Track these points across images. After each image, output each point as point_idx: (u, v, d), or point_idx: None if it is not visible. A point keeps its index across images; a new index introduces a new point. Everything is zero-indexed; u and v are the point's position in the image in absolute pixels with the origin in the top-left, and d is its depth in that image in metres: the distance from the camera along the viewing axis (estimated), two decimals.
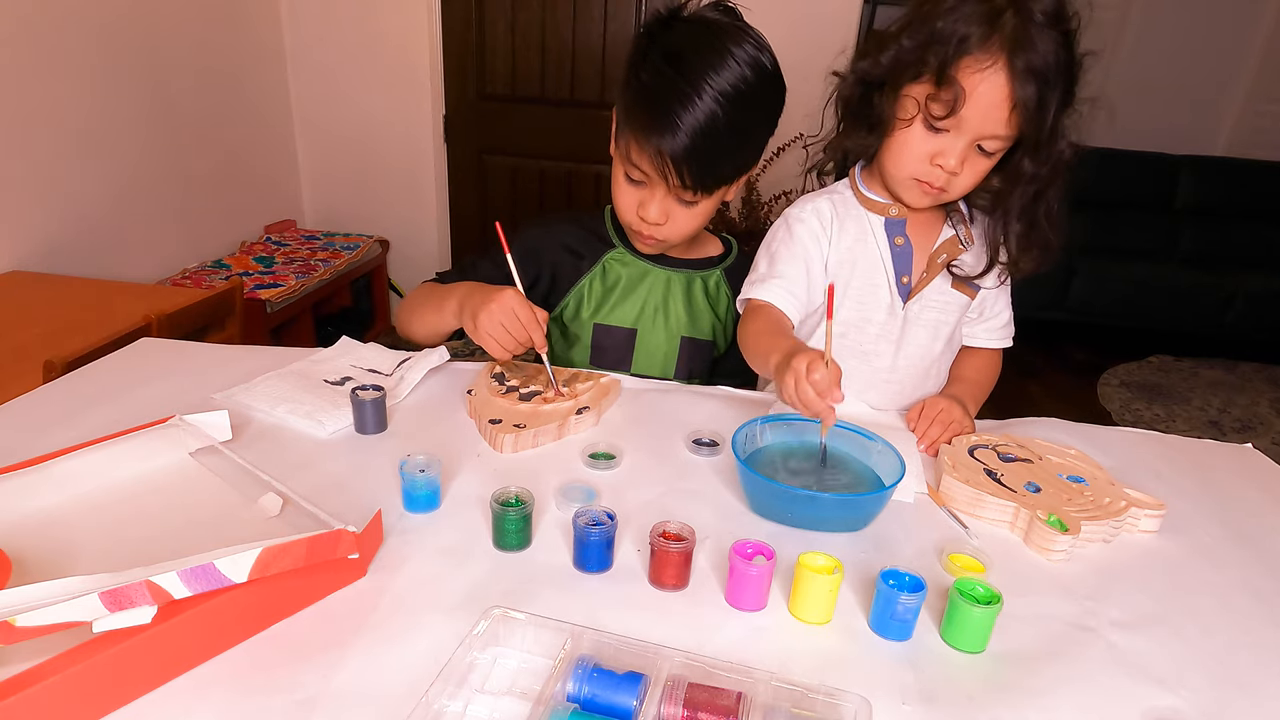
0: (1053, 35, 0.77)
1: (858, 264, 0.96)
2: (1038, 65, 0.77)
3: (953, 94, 0.80)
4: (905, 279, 0.96)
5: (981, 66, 0.79)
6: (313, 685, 0.52)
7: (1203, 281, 3.65)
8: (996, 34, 0.78)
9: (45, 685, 0.46)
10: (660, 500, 0.75)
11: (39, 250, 2.06)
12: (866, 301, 0.96)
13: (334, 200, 3.22)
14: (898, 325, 0.97)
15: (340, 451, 0.81)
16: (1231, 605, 0.66)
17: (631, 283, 1.09)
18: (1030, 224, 0.89)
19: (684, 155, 0.90)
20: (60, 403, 0.88)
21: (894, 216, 0.95)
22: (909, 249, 0.95)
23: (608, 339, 1.08)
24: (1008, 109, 0.80)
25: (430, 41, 2.91)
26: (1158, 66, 3.86)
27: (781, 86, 0.95)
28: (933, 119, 0.83)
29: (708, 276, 1.11)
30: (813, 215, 0.96)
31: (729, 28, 0.92)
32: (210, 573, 0.52)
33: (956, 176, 0.85)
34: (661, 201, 0.97)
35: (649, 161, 0.93)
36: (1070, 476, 0.79)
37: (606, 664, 0.52)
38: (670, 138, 0.89)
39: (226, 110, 2.70)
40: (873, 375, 0.99)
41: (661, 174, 0.93)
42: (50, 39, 2.01)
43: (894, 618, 0.59)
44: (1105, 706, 0.54)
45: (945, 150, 0.84)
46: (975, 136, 0.83)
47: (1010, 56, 0.78)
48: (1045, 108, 0.79)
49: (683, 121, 0.88)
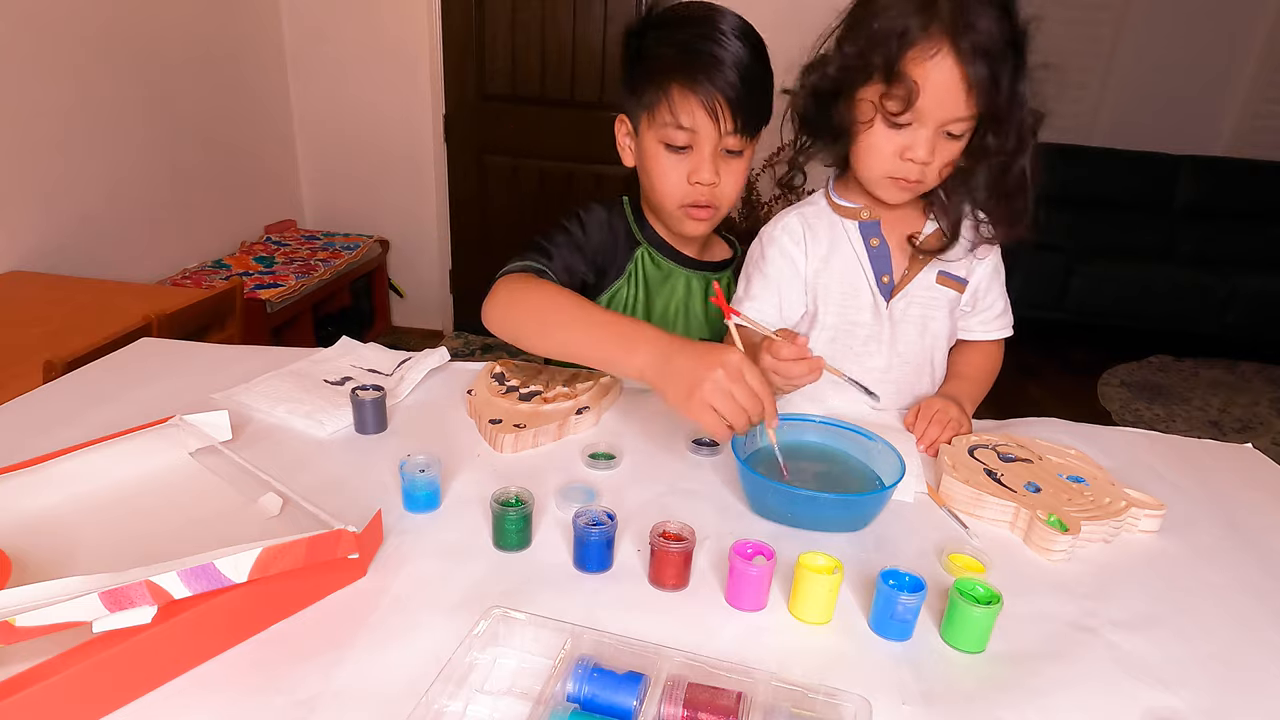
0: (990, 10, 0.78)
1: (835, 270, 0.97)
2: (983, 43, 0.77)
3: (905, 89, 0.80)
4: (886, 278, 0.96)
5: (928, 55, 0.79)
6: (313, 685, 0.52)
7: (1203, 281, 3.64)
8: (935, 21, 0.78)
9: (45, 685, 0.46)
10: (660, 500, 0.75)
11: (39, 250, 2.05)
12: (850, 305, 0.97)
13: (334, 200, 3.22)
14: (885, 325, 0.97)
15: (340, 451, 0.81)
16: (1232, 605, 0.66)
17: (659, 282, 1.08)
18: (1001, 195, 0.89)
19: (734, 91, 0.91)
20: (60, 403, 0.88)
21: (866, 219, 0.96)
22: (885, 249, 0.96)
23: None
24: (963, 91, 0.80)
25: (430, 41, 2.91)
26: (1158, 66, 3.86)
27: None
28: (891, 116, 0.83)
29: (721, 278, 1.11)
30: (783, 233, 0.98)
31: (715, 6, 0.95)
32: (210, 573, 0.52)
33: (929, 166, 0.86)
34: (712, 159, 0.95)
35: (699, 108, 0.92)
36: (1070, 476, 0.79)
37: (606, 664, 0.52)
38: (719, 74, 0.90)
39: (227, 110, 2.71)
40: (867, 376, 0.98)
41: (714, 117, 0.92)
42: (50, 39, 2.01)
43: (894, 618, 0.59)
44: (1105, 706, 0.54)
45: (912, 143, 0.84)
46: (938, 124, 0.83)
47: (954, 39, 0.78)
48: (999, 82, 0.79)
49: (724, 59, 0.90)
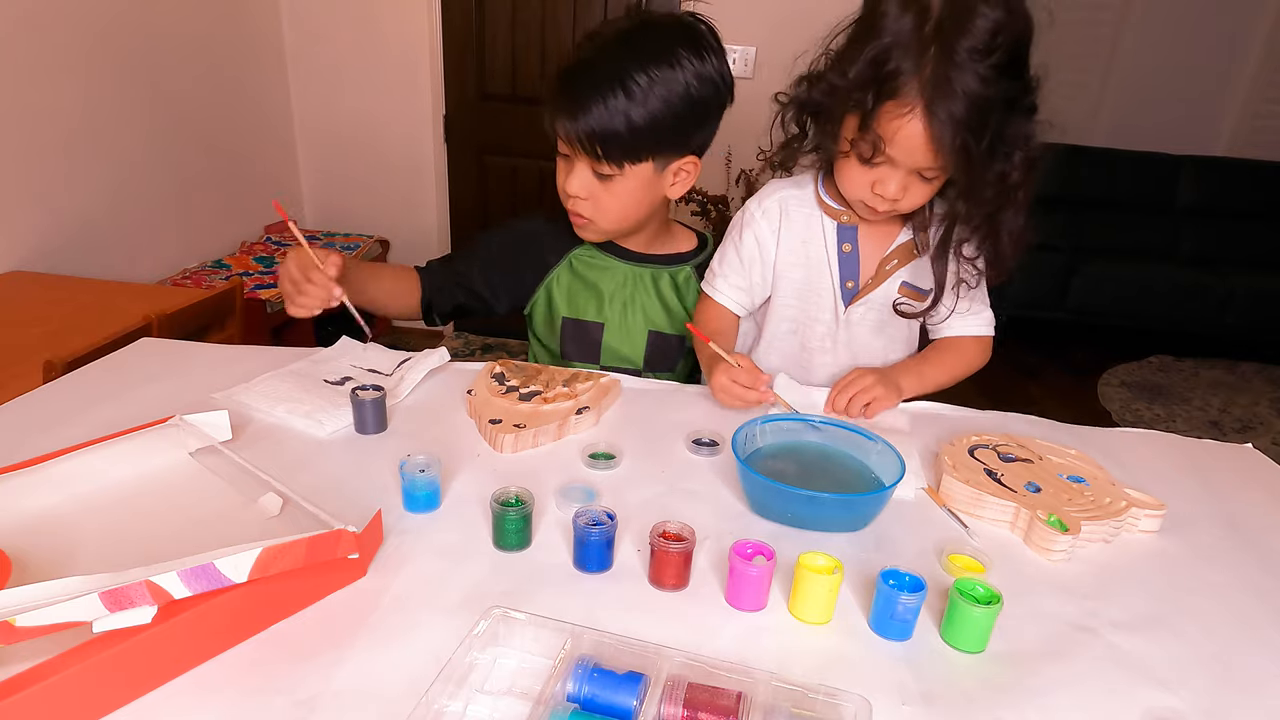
0: (978, 72, 0.75)
1: (802, 264, 0.98)
2: (957, 112, 0.76)
3: (874, 138, 0.81)
4: (850, 284, 0.98)
5: (900, 113, 0.78)
6: (313, 685, 0.52)
7: (1203, 281, 3.64)
8: (916, 77, 0.76)
9: (45, 685, 0.46)
10: (660, 500, 0.75)
11: (39, 250, 2.05)
12: (811, 301, 0.99)
13: (334, 200, 3.22)
14: (842, 327, 0.99)
15: (340, 451, 0.81)
16: (1232, 605, 0.66)
17: (599, 278, 1.11)
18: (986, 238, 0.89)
19: (587, 124, 0.93)
20: (60, 403, 0.88)
21: (846, 223, 0.97)
22: (856, 255, 0.97)
23: (577, 333, 1.12)
24: (931, 152, 0.79)
25: (430, 41, 2.91)
26: (1158, 66, 3.86)
27: (721, 97, 0.98)
28: (861, 157, 0.84)
29: (676, 272, 1.12)
30: (761, 217, 0.99)
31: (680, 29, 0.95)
32: (210, 573, 0.52)
33: (900, 202, 0.86)
34: (581, 173, 0.99)
35: (562, 129, 0.96)
36: (1070, 476, 0.79)
37: (606, 664, 0.52)
38: (574, 109, 0.93)
39: (227, 110, 2.70)
40: (822, 371, 1.02)
41: (578, 148, 0.96)
42: (50, 38, 2.00)
43: (894, 618, 0.59)
44: (1105, 707, 0.54)
45: (883, 179, 0.85)
46: (910, 169, 0.83)
47: (928, 104, 0.77)
48: (968, 150, 0.78)
49: (590, 103, 0.92)
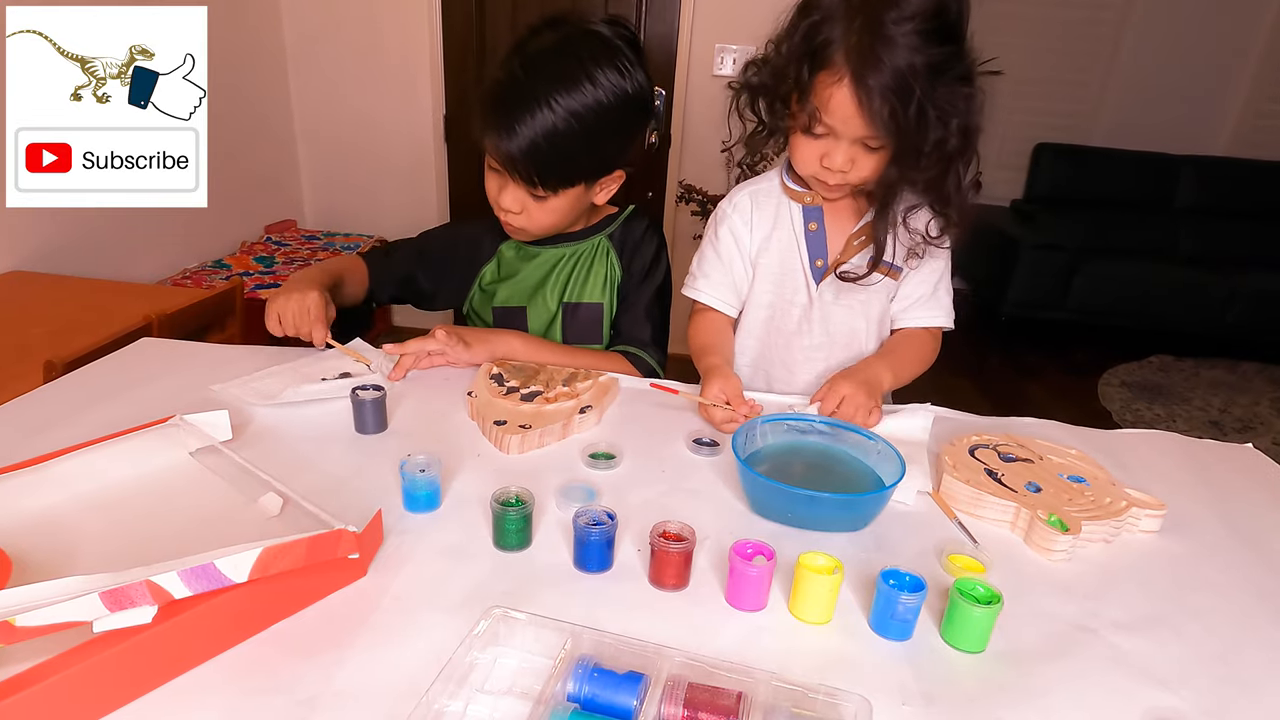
0: (903, 39, 0.75)
1: (774, 250, 1.01)
2: (884, 79, 0.77)
3: (810, 108, 0.82)
4: (820, 262, 1.00)
5: (831, 81, 0.80)
6: (313, 685, 0.52)
7: (1203, 281, 3.64)
8: (842, 48, 0.78)
9: (45, 685, 0.46)
10: (660, 500, 0.75)
11: (39, 250, 2.05)
12: (785, 284, 1.01)
13: (334, 200, 3.22)
14: (816, 306, 1.01)
15: (340, 451, 0.81)
16: (1233, 605, 0.66)
17: (521, 266, 1.14)
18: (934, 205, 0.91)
19: (521, 155, 0.94)
20: (60, 403, 0.88)
21: (809, 204, 0.99)
22: (823, 234, 0.99)
23: (505, 320, 1.16)
24: (863, 120, 0.80)
25: (430, 41, 2.91)
26: (1158, 66, 3.86)
27: (646, 112, 1.00)
28: (803, 129, 0.86)
29: (594, 244, 1.14)
30: (734, 211, 1.02)
31: (601, 48, 0.95)
32: (210, 573, 0.52)
33: (848, 174, 0.87)
34: (514, 191, 1.00)
35: (491, 146, 0.97)
36: (1071, 476, 0.79)
37: (607, 664, 0.52)
38: (508, 139, 0.93)
39: (227, 110, 2.70)
40: (800, 354, 1.03)
41: (502, 162, 0.97)
42: None
43: (894, 618, 0.59)
44: (1105, 706, 0.54)
45: (829, 152, 0.87)
46: (852, 139, 0.84)
47: (854, 71, 0.78)
48: (897, 116, 0.78)
49: (521, 126, 0.92)
